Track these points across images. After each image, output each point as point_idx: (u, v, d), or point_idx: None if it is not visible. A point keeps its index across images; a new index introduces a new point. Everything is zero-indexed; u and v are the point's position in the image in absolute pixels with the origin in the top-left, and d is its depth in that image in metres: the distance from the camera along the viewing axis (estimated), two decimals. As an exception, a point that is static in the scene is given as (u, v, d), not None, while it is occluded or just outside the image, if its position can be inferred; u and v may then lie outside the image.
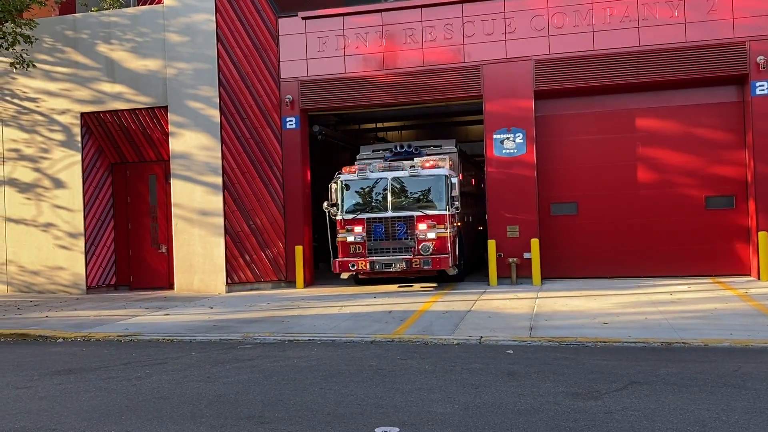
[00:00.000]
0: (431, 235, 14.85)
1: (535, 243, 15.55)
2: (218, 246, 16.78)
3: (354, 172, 15.61)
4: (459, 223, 16.44)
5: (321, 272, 19.15)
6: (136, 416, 6.77)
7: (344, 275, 15.90)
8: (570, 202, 16.28)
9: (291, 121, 17.10)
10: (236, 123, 16.96)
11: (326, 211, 15.79)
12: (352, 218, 15.31)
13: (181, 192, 17.02)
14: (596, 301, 12.92)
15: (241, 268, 16.92)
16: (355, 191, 15.62)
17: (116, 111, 17.74)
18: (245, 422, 6.45)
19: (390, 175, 15.42)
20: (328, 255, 16.37)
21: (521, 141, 15.91)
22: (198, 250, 16.91)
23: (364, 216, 15.25)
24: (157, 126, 17.86)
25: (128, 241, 18.51)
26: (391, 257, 14.97)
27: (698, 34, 15.07)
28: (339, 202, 15.53)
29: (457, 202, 15.27)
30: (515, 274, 15.76)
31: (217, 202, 16.81)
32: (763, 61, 14.55)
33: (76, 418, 6.80)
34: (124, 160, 18.61)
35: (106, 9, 19.32)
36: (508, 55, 15.96)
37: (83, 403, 7.37)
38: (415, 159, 15.82)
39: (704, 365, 8.17)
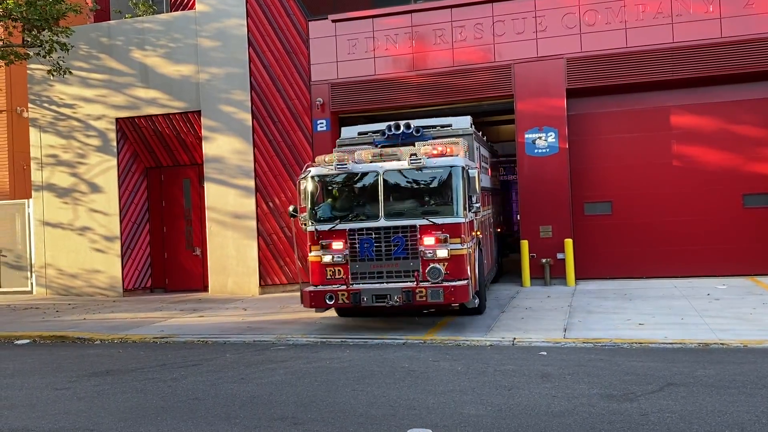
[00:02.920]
0: (442, 252, 10.51)
1: (568, 243, 15.37)
2: (251, 248, 16.92)
3: (331, 164, 11.21)
4: (478, 231, 12.63)
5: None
6: (172, 417, 6.86)
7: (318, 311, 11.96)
8: (604, 201, 16.08)
9: (322, 123, 17.16)
10: (268, 126, 17.09)
11: (292, 218, 11.80)
12: (329, 230, 10.96)
13: (214, 195, 17.21)
14: (631, 302, 12.74)
15: (274, 270, 17.03)
16: (333, 191, 11.47)
17: (150, 116, 17.99)
18: (278, 423, 6.49)
19: (382, 167, 10.97)
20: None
21: (553, 140, 15.76)
22: (231, 252, 17.07)
23: (346, 226, 10.91)
24: (190, 130, 18.08)
25: (163, 244, 18.76)
26: (384, 285, 10.61)
27: (734, 29, 14.77)
28: (310, 206, 11.28)
29: (477, 204, 11.12)
30: (548, 275, 15.60)
31: (249, 205, 16.95)
32: (802, 55, 14.23)
33: (113, 418, 6.91)
34: (158, 164, 18.86)
35: (140, 15, 19.61)
36: (540, 54, 15.83)
37: (120, 404, 7.49)
38: (416, 144, 11.70)
39: (743, 366, 8.01)
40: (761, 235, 15.11)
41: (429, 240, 10.64)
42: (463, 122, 13.02)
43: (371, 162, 11.13)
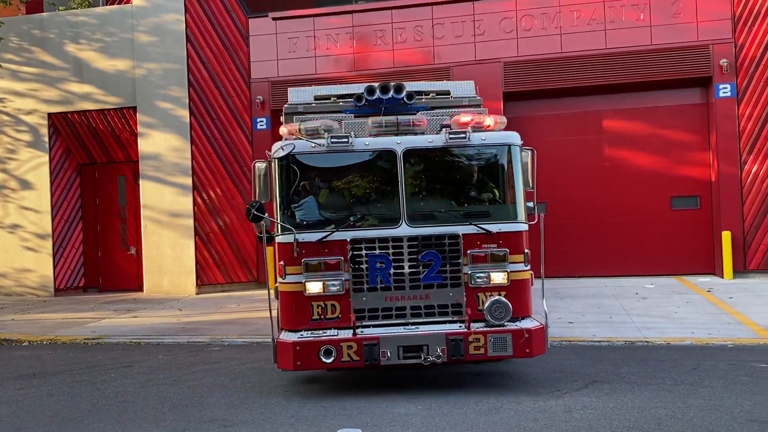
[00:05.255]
0: (499, 277, 7.36)
1: (504, 243, 15.62)
2: (188, 247, 16.67)
3: (318, 135, 7.32)
4: None
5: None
6: (99, 420, 6.75)
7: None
8: (539, 202, 16.36)
9: (262, 121, 17.05)
10: (206, 124, 16.87)
11: (254, 222, 7.45)
12: (319, 241, 7.21)
13: (150, 193, 16.90)
14: (563, 301, 13.06)
15: (211, 269, 16.82)
16: (320, 180, 7.67)
17: (84, 111, 17.54)
18: (207, 425, 6.46)
19: (402, 144, 7.36)
20: None
21: (491, 142, 15.98)
22: (167, 251, 16.80)
23: (346, 236, 7.22)
24: (125, 127, 17.72)
25: (97, 242, 18.32)
26: (416, 331, 7.04)
27: (664, 37, 15.28)
28: (283, 203, 7.44)
29: (531, 203, 8.10)
30: (485, 274, 15.82)
31: (186, 203, 16.70)
32: (725, 64, 14.80)
33: (37, 422, 6.76)
34: (92, 161, 18.42)
35: (74, 8, 19.10)
36: (478, 57, 16.06)
37: (46, 407, 7.33)
38: (418, 114, 7.79)
39: (665, 364, 8.33)
40: (687, 236, 15.68)
41: (479, 257, 7.33)
42: (467, 88, 9.35)
43: (380, 136, 7.46)
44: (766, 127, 14.71)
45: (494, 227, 7.38)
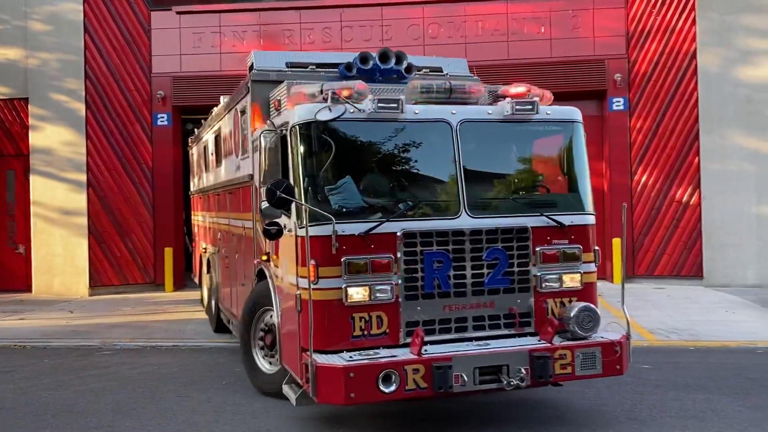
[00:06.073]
0: (573, 279, 6.24)
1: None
2: (81, 247, 15.97)
3: (355, 101, 5.84)
4: None
5: (193, 274, 18.63)
6: (-28, 430, 6.36)
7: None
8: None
9: (162, 117, 16.57)
10: (103, 118, 16.22)
11: (276, 206, 5.71)
12: (364, 234, 5.64)
13: (41, 189, 16.09)
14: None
15: (105, 270, 16.17)
16: (358, 156, 6.13)
17: (-29, 101, 16.57)
18: (93, 433, 6.20)
19: (457, 114, 6.05)
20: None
21: (396, 146, 16.15)
22: (59, 251, 16.03)
23: (397, 228, 5.73)
24: (16, 119, 16.81)
25: (-18, 240, 17.32)
26: (490, 349, 5.70)
27: (563, 51, 15.87)
28: (307, 187, 5.74)
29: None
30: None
31: (80, 200, 15.99)
32: (619, 78, 15.53)
33: None
34: (-22, 153, 17.41)
35: (-39, -9, 18.00)
36: (385, 62, 16.17)
37: None
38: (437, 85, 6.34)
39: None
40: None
41: (550, 256, 6.14)
42: (459, 65, 8.72)
43: (429, 103, 6.13)
44: (655, 140, 15.52)
45: (566, 219, 6.17)
